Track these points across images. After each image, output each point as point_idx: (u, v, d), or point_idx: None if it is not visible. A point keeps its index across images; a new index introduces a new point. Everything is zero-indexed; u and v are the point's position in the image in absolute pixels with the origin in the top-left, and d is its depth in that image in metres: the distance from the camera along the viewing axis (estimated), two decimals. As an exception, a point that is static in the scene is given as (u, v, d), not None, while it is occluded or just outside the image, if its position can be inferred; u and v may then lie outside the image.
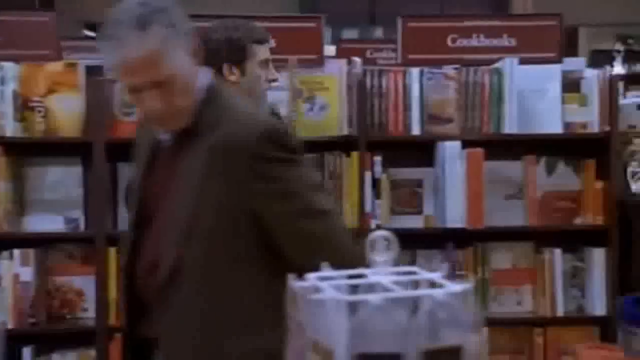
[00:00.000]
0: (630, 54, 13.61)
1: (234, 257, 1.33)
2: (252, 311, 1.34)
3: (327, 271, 0.94)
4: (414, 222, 2.83)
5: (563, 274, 2.85)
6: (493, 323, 2.81)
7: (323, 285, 0.89)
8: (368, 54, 4.30)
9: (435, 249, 2.85)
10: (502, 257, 2.87)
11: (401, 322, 0.85)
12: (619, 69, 13.72)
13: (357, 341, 0.85)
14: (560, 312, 2.79)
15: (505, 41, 2.86)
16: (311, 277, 0.93)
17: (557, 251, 2.81)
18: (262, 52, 2.04)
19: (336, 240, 1.35)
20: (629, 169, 2.70)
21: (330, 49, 4.24)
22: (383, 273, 0.94)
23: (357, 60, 2.86)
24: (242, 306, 1.33)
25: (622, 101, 2.92)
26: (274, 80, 2.12)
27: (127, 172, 2.74)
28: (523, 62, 2.79)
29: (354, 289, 0.93)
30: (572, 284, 2.88)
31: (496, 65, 2.76)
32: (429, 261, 2.86)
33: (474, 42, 2.86)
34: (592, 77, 2.79)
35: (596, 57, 13.65)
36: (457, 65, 2.76)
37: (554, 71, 2.81)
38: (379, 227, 2.76)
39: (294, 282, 0.90)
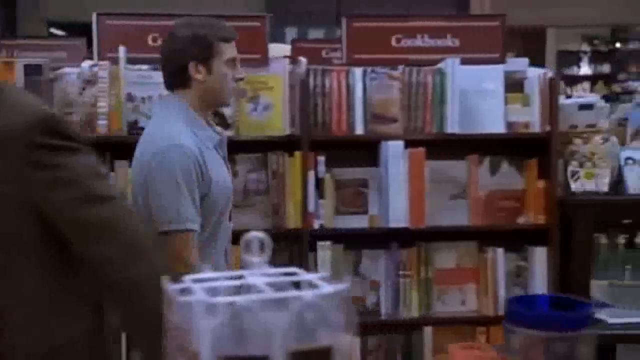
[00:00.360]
0: (597, 54, 13.83)
1: (17, 250, 1.30)
2: (36, 304, 1.31)
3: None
4: (359, 222, 2.83)
5: (507, 273, 2.87)
6: (437, 322, 2.83)
7: (194, 286, 0.88)
8: (324, 54, 4.29)
9: (380, 249, 2.85)
10: (446, 257, 2.88)
11: (268, 323, 0.84)
12: (585, 69, 13.96)
13: (223, 343, 0.84)
14: (503, 311, 2.81)
15: (449, 41, 2.87)
16: (186, 278, 0.92)
17: (500, 250, 2.82)
18: (229, 50, 2.02)
19: (122, 225, 1.31)
20: (569, 169, 2.72)
21: (286, 49, 4.22)
22: (261, 274, 0.93)
23: (303, 59, 2.86)
24: (25, 299, 1.31)
25: (562, 101, 2.94)
26: (241, 79, 2.11)
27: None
28: (467, 62, 2.80)
29: (231, 291, 0.92)
30: (516, 283, 2.90)
31: (439, 65, 2.77)
32: (374, 261, 2.86)
33: (418, 42, 2.86)
34: (533, 78, 2.81)
35: (563, 57, 13.87)
36: (400, 66, 2.77)
37: (497, 71, 2.82)
38: (322, 227, 2.75)
39: (168, 284, 0.89)
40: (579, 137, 2.81)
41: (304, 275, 0.97)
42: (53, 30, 8.75)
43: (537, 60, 14.27)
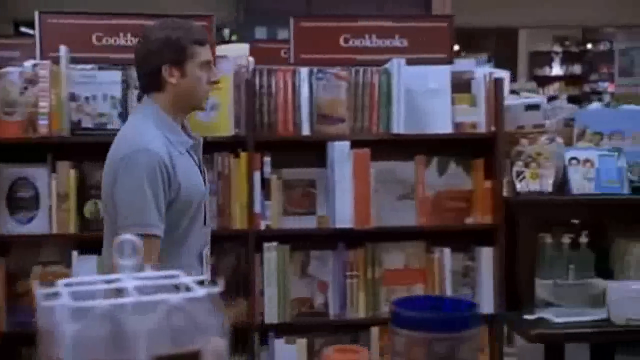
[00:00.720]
0: (568, 55, 13.96)
1: None
2: None
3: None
4: (307, 223, 2.82)
5: (455, 273, 2.88)
6: (385, 323, 2.82)
7: (61, 290, 0.87)
8: (282, 54, 4.27)
9: (328, 250, 2.84)
10: (394, 257, 2.88)
11: (134, 328, 0.83)
12: (557, 70, 14.10)
13: (87, 349, 0.83)
14: (450, 310, 2.81)
15: (398, 42, 2.87)
16: (59, 282, 0.90)
17: (447, 250, 2.83)
18: (203, 53, 2.00)
19: None
20: (514, 169, 2.74)
21: (245, 48, 4.20)
22: (135, 278, 0.92)
23: (250, 59, 2.84)
24: None
25: (508, 102, 2.95)
26: (216, 82, 2.11)
27: (10, 173, 2.68)
28: (415, 62, 2.81)
29: (107, 295, 0.90)
30: (464, 283, 2.91)
31: (385, 65, 2.77)
32: (322, 262, 2.86)
33: (366, 42, 2.86)
34: (480, 78, 2.82)
35: (535, 58, 13.99)
36: (347, 66, 2.77)
37: (444, 72, 2.83)
38: (268, 228, 2.74)
39: (38, 288, 0.88)
40: (525, 137, 2.82)
41: (181, 279, 0.96)
42: (23, 29, 8.67)
43: (510, 61, 14.33)
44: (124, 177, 1.87)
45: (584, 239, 2.81)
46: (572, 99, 12.35)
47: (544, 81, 13.61)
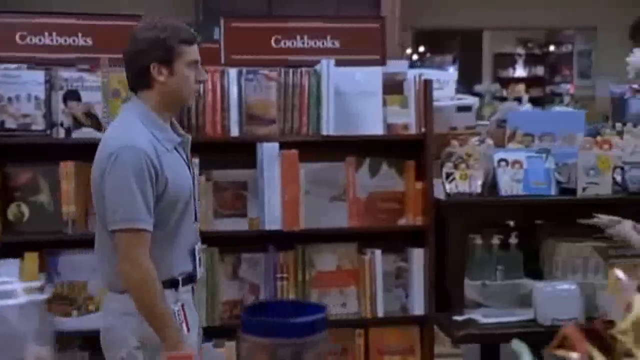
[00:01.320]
0: (531, 57, 14.11)
1: None
2: None
3: None
4: (239, 225, 2.80)
5: (387, 274, 2.88)
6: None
7: None
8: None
9: (260, 252, 2.82)
10: (327, 259, 2.87)
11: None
12: (520, 71, 14.24)
13: None
14: (380, 312, 2.82)
15: (329, 43, 2.86)
16: None
17: (378, 252, 2.83)
18: (191, 52, 2.03)
19: None
20: (444, 170, 2.74)
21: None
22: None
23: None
24: None
25: (440, 103, 2.96)
26: (203, 81, 2.13)
27: None
28: (347, 63, 2.80)
29: None
30: (397, 285, 2.91)
31: (315, 67, 2.76)
32: (253, 264, 2.84)
33: (298, 43, 2.85)
34: (411, 80, 2.83)
35: (499, 60, 14.12)
36: (278, 67, 2.75)
37: (376, 73, 2.83)
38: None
39: None
40: (456, 138, 2.83)
41: (14, 284, 0.93)
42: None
43: (475, 62, 14.40)
44: (111, 173, 1.91)
45: (513, 240, 2.83)
46: (535, 101, 12.51)
47: (507, 83, 13.75)
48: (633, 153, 2.81)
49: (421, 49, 14.07)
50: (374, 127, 2.82)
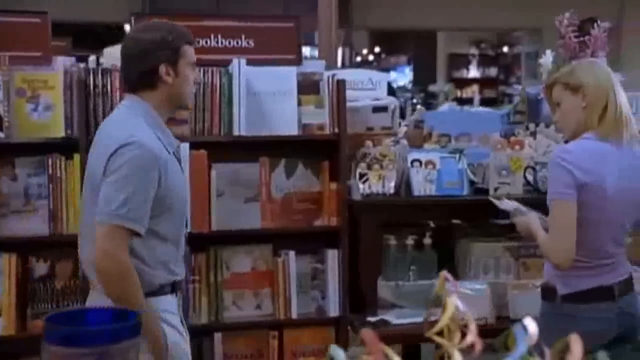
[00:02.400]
0: (484, 58, 14.27)
1: None
2: None
3: None
4: (151, 227, 2.75)
5: (303, 275, 2.86)
6: (229, 328, 2.78)
7: None
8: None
9: (173, 254, 2.78)
10: (241, 261, 2.84)
11: None
12: (474, 72, 14.39)
13: None
14: (295, 314, 2.80)
15: (244, 42, 2.83)
16: None
17: (292, 253, 2.81)
18: (192, 54, 2.05)
19: None
20: (358, 171, 2.73)
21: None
22: None
23: (91, 58, 2.76)
24: None
25: (356, 103, 2.95)
26: (198, 82, 2.16)
27: None
28: (263, 63, 2.77)
29: None
30: (313, 286, 2.89)
31: (228, 66, 2.73)
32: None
33: (212, 42, 2.81)
34: (325, 80, 2.81)
35: (453, 60, 14.25)
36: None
37: (290, 73, 2.80)
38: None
39: None
40: (370, 139, 2.82)
41: None
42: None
43: (429, 63, 14.48)
44: (116, 167, 1.85)
45: (427, 240, 2.84)
46: (487, 101, 12.65)
47: (461, 83, 13.89)
48: (545, 153, 2.83)
49: (377, 49, 14.14)
50: (289, 128, 2.80)
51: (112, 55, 3.22)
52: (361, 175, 2.74)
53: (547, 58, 2.96)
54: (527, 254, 2.76)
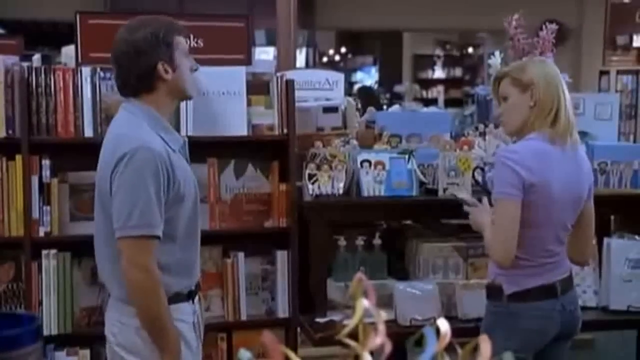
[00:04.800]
0: (449, 58, 14.36)
1: None
2: None
3: None
4: (98, 228, 2.70)
5: (254, 277, 2.84)
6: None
7: None
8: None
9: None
10: (191, 262, 2.80)
11: None
12: (439, 73, 14.48)
13: None
14: (244, 316, 2.78)
15: (193, 42, 2.80)
16: None
17: (241, 255, 2.79)
18: (184, 42, 2.00)
19: None
20: (307, 171, 2.72)
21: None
22: None
23: (35, 57, 2.70)
24: None
25: (306, 104, 2.94)
26: (196, 69, 2.06)
27: None
28: (212, 63, 2.74)
29: None
30: (264, 287, 2.88)
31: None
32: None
33: (160, 41, 2.77)
34: (274, 80, 2.79)
35: (419, 61, 14.32)
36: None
37: (239, 73, 2.78)
38: (48, 235, 2.61)
39: None
40: (320, 140, 2.81)
41: None
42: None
43: (395, 63, 14.52)
44: (125, 175, 1.84)
45: (377, 241, 2.84)
46: (453, 102, 12.74)
47: (427, 84, 13.97)
48: (494, 154, 2.84)
49: (343, 50, 14.15)
50: (238, 128, 2.78)
51: (70, 54, 3.17)
52: (310, 176, 2.72)
53: (496, 59, 2.98)
54: (476, 254, 2.77)
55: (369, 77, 13.81)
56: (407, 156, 2.78)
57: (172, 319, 1.91)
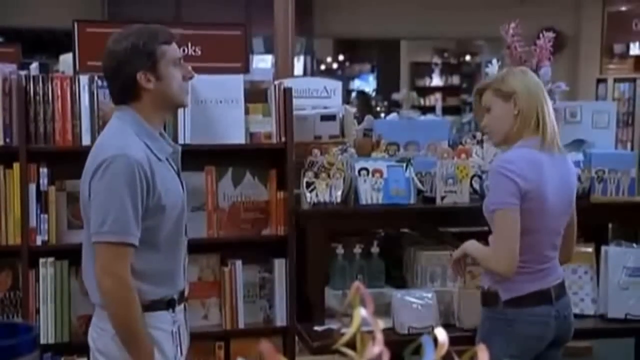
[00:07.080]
0: (447, 66, 14.40)
1: None
2: None
3: None
4: (95, 237, 2.70)
5: (251, 285, 2.84)
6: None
7: None
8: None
9: (117, 264, 2.73)
10: (188, 270, 2.79)
11: None
12: (437, 80, 14.51)
13: None
14: (242, 324, 2.77)
15: (190, 50, 2.81)
16: None
17: (239, 263, 2.79)
18: (171, 51, 1.98)
19: None
20: (304, 180, 2.72)
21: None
22: None
23: (33, 65, 2.71)
24: None
25: (304, 112, 2.95)
26: (191, 77, 2.05)
27: None
28: (210, 71, 2.75)
29: None
30: (261, 295, 2.87)
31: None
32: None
33: (158, 50, 2.77)
34: (272, 88, 2.80)
35: (416, 69, 14.36)
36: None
37: (237, 81, 2.79)
38: (45, 243, 2.61)
39: None
40: (318, 148, 2.81)
41: None
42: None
43: (393, 71, 14.53)
44: (101, 181, 1.84)
45: (375, 249, 2.84)
46: (450, 110, 12.76)
47: (425, 91, 14.00)
48: (492, 161, 2.85)
49: (341, 57, 14.18)
50: (236, 136, 2.78)
51: (68, 62, 3.17)
52: (308, 184, 2.72)
53: (494, 67, 2.99)
54: (474, 262, 2.76)
55: (367, 85, 13.83)
56: (404, 164, 2.79)
57: (146, 327, 1.88)
